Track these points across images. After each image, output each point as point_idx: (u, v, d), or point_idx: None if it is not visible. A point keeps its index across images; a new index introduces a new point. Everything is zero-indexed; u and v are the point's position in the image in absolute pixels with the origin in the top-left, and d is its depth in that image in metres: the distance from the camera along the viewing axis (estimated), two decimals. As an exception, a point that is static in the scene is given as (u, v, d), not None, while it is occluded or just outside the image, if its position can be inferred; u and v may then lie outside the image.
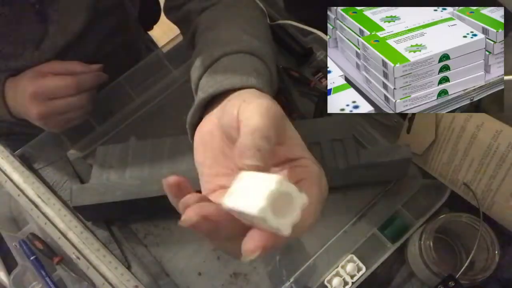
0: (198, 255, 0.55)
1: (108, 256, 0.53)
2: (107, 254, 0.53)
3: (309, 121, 0.59)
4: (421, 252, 0.49)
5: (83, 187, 0.53)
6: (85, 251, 0.53)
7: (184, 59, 0.68)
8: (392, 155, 0.52)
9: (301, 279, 0.52)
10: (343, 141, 0.54)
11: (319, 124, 0.56)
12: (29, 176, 0.57)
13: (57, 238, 0.54)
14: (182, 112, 0.65)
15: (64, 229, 0.54)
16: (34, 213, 0.55)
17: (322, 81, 0.63)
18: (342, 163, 0.52)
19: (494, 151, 0.47)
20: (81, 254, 0.53)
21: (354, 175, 0.54)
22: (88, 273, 0.52)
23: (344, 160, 0.53)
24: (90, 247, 0.53)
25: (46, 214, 0.55)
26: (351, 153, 0.53)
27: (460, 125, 0.49)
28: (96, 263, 0.53)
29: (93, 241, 0.54)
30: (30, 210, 0.55)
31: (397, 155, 0.52)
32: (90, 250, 0.53)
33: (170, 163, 0.55)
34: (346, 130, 0.55)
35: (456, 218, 0.49)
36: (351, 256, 0.51)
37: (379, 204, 0.56)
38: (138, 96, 0.66)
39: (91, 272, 0.52)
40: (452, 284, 0.44)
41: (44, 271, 0.54)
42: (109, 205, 0.52)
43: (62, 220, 0.55)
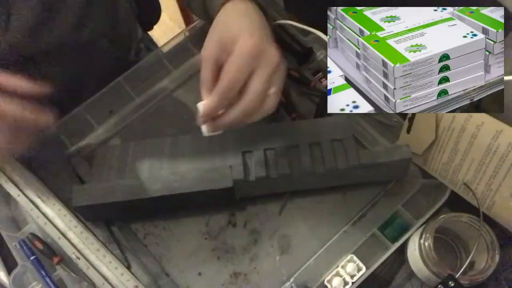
0: (198, 255, 0.55)
1: (108, 256, 0.53)
2: (107, 254, 0.53)
3: (309, 121, 0.59)
4: (421, 252, 0.49)
5: (83, 187, 0.54)
6: (85, 251, 0.53)
7: (184, 59, 0.69)
8: (392, 155, 0.52)
9: (301, 279, 0.52)
10: (343, 141, 0.54)
11: (319, 124, 0.57)
12: (29, 176, 0.57)
13: (57, 238, 0.54)
14: (182, 112, 0.65)
15: (64, 229, 0.54)
16: (34, 213, 0.55)
17: (322, 81, 0.63)
18: (342, 163, 0.53)
19: (494, 151, 0.47)
20: (81, 254, 0.53)
21: (354, 175, 0.54)
22: (88, 273, 0.52)
23: (344, 161, 0.53)
24: (90, 247, 0.53)
25: (46, 214, 0.55)
26: (351, 153, 0.53)
27: (460, 125, 0.49)
28: (96, 263, 0.53)
29: (93, 241, 0.54)
30: (30, 210, 0.55)
31: (397, 155, 0.52)
32: (90, 250, 0.53)
33: (170, 163, 0.56)
34: (346, 130, 0.55)
35: (456, 218, 0.49)
36: (351, 256, 0.51)
37: (379, 204, 0.56)
38: (138, 96, 0.66)
39: (91, 272, 0.52)
40: (452, 284, 0.44)
41: (44, 271, 0.54)
42: (109, 205, 0.52)
43: (62, 220, 0.55)
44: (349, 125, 0.56)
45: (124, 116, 0.65)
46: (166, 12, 1.49)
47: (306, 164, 0.53)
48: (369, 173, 0.54)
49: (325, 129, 0.55)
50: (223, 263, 0.55)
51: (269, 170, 0.53)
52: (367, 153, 0.53)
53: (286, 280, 0.53)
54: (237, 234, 0.56)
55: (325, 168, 0.53)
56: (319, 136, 0.55)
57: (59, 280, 0.54)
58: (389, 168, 0.53)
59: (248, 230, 0.56)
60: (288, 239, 0.55)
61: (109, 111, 0.66)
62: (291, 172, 0.53)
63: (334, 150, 0.54)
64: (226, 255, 0.55)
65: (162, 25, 0.91)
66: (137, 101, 0.66)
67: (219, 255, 0.55)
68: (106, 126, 0.65)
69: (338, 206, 0.56)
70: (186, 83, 0.67)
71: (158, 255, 0.56)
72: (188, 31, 0.69)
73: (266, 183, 0.54)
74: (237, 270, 0.54)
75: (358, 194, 0.57)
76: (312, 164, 0.53)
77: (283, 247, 0.55)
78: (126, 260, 0.55)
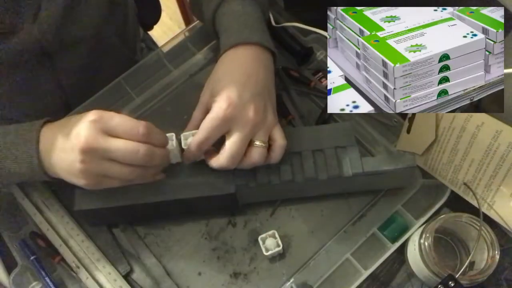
0: (198, 255, 0.55)
1: (107, 267, 0.53)
2: (107, 265, 0.53)
3: (313, 128, 0.58)
4: (421, 252, 0.49)
5: (86, 192, 0.53)
6: (85, 260, 0.53)
7: (184, 59, 0.69)
8: (396, 164, 0.52)
9: (301, 279, 0.52)
10: (346, 148, 0.53)
11: (322, 131, 0.56)
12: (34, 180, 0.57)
13: (59, 245, 0.54)
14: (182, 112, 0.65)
15: (65, 236, 0.54)
16: (37, 218, 0.55)
17: (322, 81, 0.63)
18: (345, 171, 0.52)
19: (494, 151, 0.47)
20: (81, 263, 0.53)
21: (357, 183, 0.54)
22: (86, 283, 0.52)
23: (347, 168, 0.52)
24: (91, 257, 0.53)
25: (49, 220, 0.55)
26: (355, 161, 0.52)
27: (460, 125, 0.49)
28: (95, 273, 0.52)
29: (94, 250, 0.54)
30: (34, 215, 0.55)
31: (401, 163, 0.52)
32: (91, 259, 0.53)
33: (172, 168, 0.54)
34: (350, 137, 0.54)
35: (456, 218, 0.49)
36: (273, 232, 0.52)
37: (379, 204, 0.56)
38: (138, 96, 0.66)
39: (89, 282, 0.52)
40: (452, 284, 0.44)
41: (44, 271, 0.54)
42: (111, 210, 0.52)
43: (64, 227, 0.55)
44: (352, 132, 0.55)
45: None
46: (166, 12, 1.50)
47: (309, 171, 0.52)
48: (373, 181, 0.53)
49: (329, 135, 0.54)
50: (223, 263, 0.55)
51: (272, 177, 0.52)
52: (371, 161, 0.53)
53: (286, 280, 0.53)
54: (237, 234, 0.56)
55: (328, 175, 0.52)
56: (322, 143, 0.54)
57: (59, 280, 0.54)
58: (392, 176, 0.53)
59: (248, 230, 0.56)
60: (288, 239, 0.55)
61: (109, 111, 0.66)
62: (294, 179, 0.52)
63: (338, 157, 0.53)
64: (226, 255, 0.55)
65: (162, 25, 0.91)
66: (137, 101, 0.66)
67: (219, 255, 0.55)
68: (106, 126, 0.65)
69: (338, 206, 0.56)
70: (186, 83, 0.67)
71: (158, 255, 0.56)
72: (188, 31, 0.69)
73: (269, 190, 0.53)
74: (237, 270, 0.54)
75: (358, 194, 0.57)
76: (315, 171, 0.52)
77: (283, 247, 0.55)
78: (129, 264, 0.54)
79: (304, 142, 0.54)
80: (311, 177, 0.52)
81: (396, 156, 0.53)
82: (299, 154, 0.53)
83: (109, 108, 0.65)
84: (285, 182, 0.52)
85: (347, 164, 0.52)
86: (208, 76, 0.54)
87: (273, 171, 0.53)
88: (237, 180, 0.52)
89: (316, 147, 0.54)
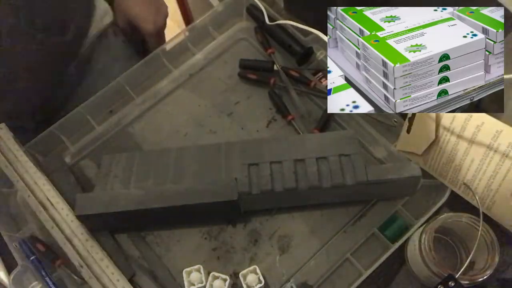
0: (198, 255, 0.55)
1: (111, 267, 0.53)
2: (110, 265, 0.53)
3: (316, 135, 0.58)
4: (421, 252, 0.49)
5: (87, 196, 0.53)
6: (88, 259, 0.53)
7: (184, 59, 0.69)
8: (401, 173, 0.51)
9: (301, 279, 0.52)
10: (351, 156, 0.53)
11: (326, 138, 0.55)
12: (41, 178, 0.57)
13: (63, 244, 0.53)
14: (182, 112, 0.65)
15: (70, 235, 0.54)
16: (42, 216, 0.55)
17: (322, 81, 0.63)
18: (350, 179, 0.51)
19: (494, 151, 0.47)
20: (85, 262, 0.53)
21: (361, 191, 0.53)
22: (90, 283, 0.52)
23: (352, 176, 0.51)
24: (95, 256, 0.53)
25: (54, 218, 0.55)
26: (359, 169, 0.52)
27: (460, 125, 0.49)
28: (98, 272, 0.52)
29: (97, 250, 0.53)
30: (39, 212, 0.55)
31: (406, 172, 0.51)
32: (94, 259, 0.53)
33: (175, 174, 0.55)
34: (354, 145, 0.54)
35: (456, 218, 0.49)
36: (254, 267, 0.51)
37: (379, 204, 0.56)
38: (138, 96, 0.66)
39: (92, 282, 0.52)
40: (452, 284, 0.44)
41: (44, 271, 0.54)
42: (112, 215, 0.52)
43: (69, 226, 0.54)
44: (357, 140, 0.54)
45: (124, 116, 0.65)
46: (166, 12, 1.49)
47: (312, 179, 0.52)
48: (377, 190, 0.53)
49: (333, 143, 0.54)
50: (223, 263, 0.55)
51: (275, 184, 0.52)
52: (375, 169, 0.52)
53: (286, 280, 0.53)
54: (237, 234, 0.56)
55: (332, 183, 0.51)
56: (326, 151, 0.53)
57: (59, 280, 0.55)
58: (397, 185, 0.52)
59: (248, 230, 0.56)
60: (288, 239, 0.55)
61: (109, 111, 0.66)
62: (297, 187, 0.52)
63: (342, 165, 0.52)
64: (226, 255, 0.55)
65: (162, 25, 0.91)
66: (137, 101, 0.66)
67: (219, 255, 0.55)
68: (106, 126, 0.65)
69: (338, 206, 0.56)
70: (186, 83, 0.67)
71: (158, 254, 0.56)
72: (188, 31, 0.69)
73: (271, 197, 0.53)
74: (237, 270, 0.54)
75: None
76: (318, 179, 0.52)
77: (283, 247, 0.55)
78: (131, 267, 0.54)
79: (308, 149, 0.54)
80: (315, 185, 0.51)
81: (401, 165, 0.52)
82: (303, 162, 0.53)
83: (109, 108, 0.65)
84: (288, 189, 0.52)
85: (351, 172, 0.52)
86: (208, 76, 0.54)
87: (276, 178, 0.52)
88: (239, 186, 0.52)
89: (320, 155, 0.53)
